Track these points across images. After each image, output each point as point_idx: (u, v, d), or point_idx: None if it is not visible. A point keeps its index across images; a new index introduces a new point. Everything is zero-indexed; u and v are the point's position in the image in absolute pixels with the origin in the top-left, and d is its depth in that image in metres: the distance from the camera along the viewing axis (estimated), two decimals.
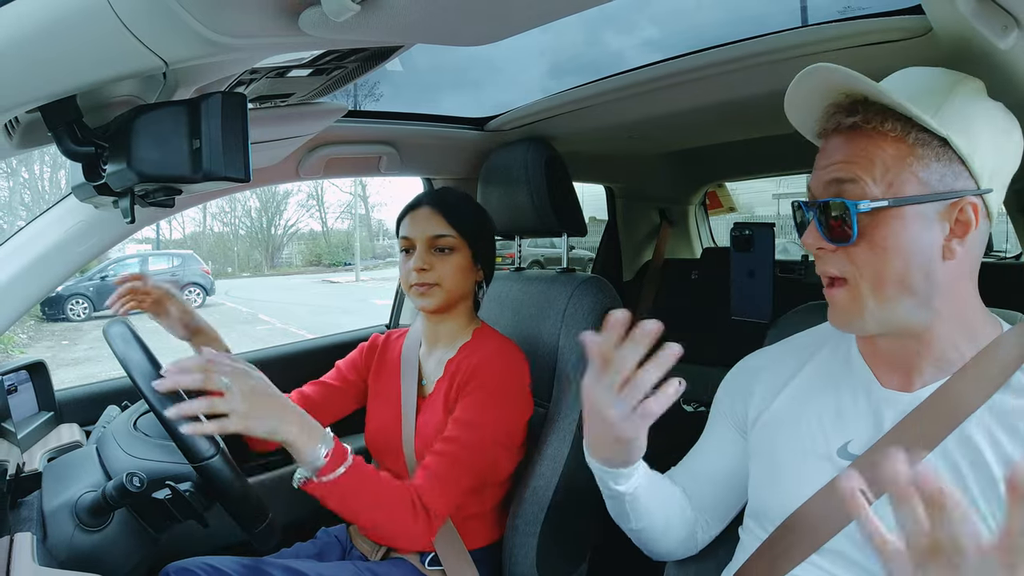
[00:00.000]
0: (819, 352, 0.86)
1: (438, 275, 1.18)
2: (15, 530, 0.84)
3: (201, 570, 1.00)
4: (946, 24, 0.81)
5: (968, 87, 0.70)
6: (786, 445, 0.82)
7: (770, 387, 0.87)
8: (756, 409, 0.87)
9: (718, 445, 0.94)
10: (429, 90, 3.08)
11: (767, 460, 0.84)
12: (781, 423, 0.83)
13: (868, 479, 0.71)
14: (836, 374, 0.82)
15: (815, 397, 0.82)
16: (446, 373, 1.20)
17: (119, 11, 0.53)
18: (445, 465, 1.05)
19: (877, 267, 0.70)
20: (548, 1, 0.65)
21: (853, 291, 0.72)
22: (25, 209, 18.40)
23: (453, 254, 1.20)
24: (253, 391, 0.89)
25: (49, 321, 11.66)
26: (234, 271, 23.05)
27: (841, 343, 0.84)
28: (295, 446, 0.91)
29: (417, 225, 1.21)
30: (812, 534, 0.75)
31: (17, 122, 0.78)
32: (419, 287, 1.19)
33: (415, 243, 1.20)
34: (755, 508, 0.86)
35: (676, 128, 1.65)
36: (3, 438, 1.13)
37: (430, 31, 0.70)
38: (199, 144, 0.68)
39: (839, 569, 0.74)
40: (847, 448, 0.76)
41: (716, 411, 0.96)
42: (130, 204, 0.77)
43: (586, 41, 6.44)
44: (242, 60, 0.77)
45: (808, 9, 1.60)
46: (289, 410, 0.93)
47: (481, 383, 1.12)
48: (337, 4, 0.54)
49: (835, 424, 0.78)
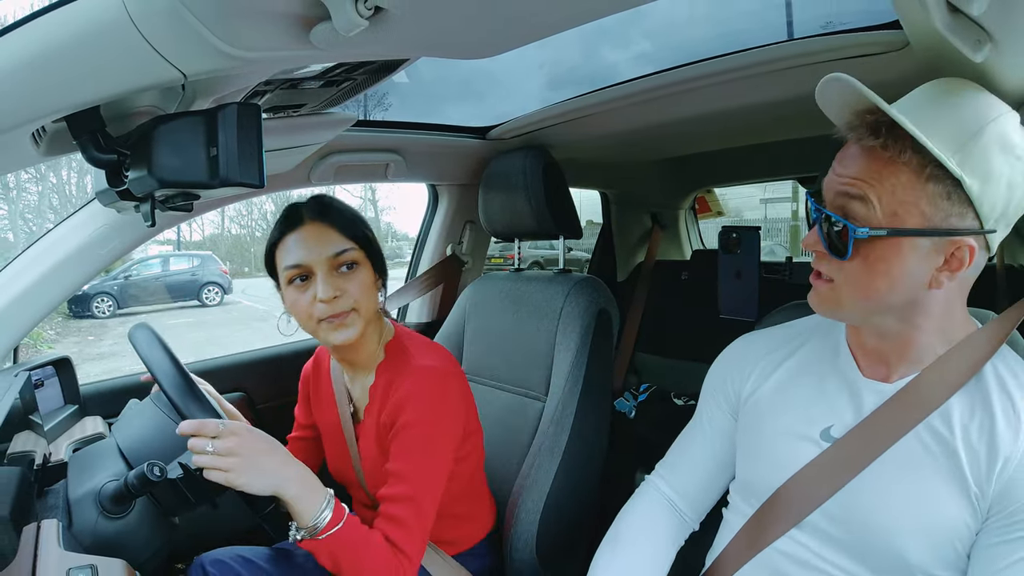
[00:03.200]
0: (811, 340, 0.87)
1: (352, 299, 0.98)
2: (42, 517, 0.84)
3: (233, 561, 0.99)
4: (922, 38, 0.80)
5: (1003, 126, 0.65)
6: (774, 425, 0.83)
7: (764, 368, 0.88)
8: (750, 388, 0.88)
9: (710, 435, 0.93)
10: (434, 101, 3.10)
11: (755, 437, 0.85)
12: (771, 403, 0.84)
13: (847, 459, 0.72)
14: (824, 362, 0.82)
15: (803, 382, 0.83)
16: (372, 400, 1.06)
17: (141, 27, 0.53)
18: (406, 538, 0.93)
19: (863, 283, 0.70)
20: (545, 17, 0.65)
21: (836, 291, 0.72)
22: (53, 212, 18.39)
23: (358, 269, 1.00)
24: (235, 451, 0.83)
25: (76, 318, 11.65)
26: (251, 271, 23.01)
27: (831, 333, 0.85)
28: (294, 506, 0.85)
29: (310, 246, 0.97)
30: (793, 509, 0.77)
31: (44, 131, 0.78)
32: (333, 320, 0.97)
33: (312, 268, 0.97)
34: (741, 483, 0.88)
35: (667, 137, 1.65)
36: (30, 430, 1.13)
37: (435, 45, 0.70)
38: (216, 152, 0.68)
39: (814, 542, 0.76)
40: (829, 431, 0.78)
41: (709, 391, 0.95)
42: (151, 208, 0.77)
43: (582, 54, 6.42)
44: (257, 72, 0.77)
45: (793, 24, 1.60)
46: (291, 469, 0.87)
47: (404, 423, 0.96)
48: (347, 20, 0.54)
49: (820, 408, 0.79)
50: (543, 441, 1.24)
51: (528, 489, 1.21)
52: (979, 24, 0.69)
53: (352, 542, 0.88)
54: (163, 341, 0.98)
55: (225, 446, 0.83)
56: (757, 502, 0.82)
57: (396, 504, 0.94)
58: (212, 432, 0.83)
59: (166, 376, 0.92)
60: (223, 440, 0.83)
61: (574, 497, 1.25)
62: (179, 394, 0.91)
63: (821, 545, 0.76)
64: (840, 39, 0.99)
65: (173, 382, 0.92)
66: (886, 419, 0.72)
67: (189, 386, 0.93)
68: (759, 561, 0.80)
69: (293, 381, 1.53)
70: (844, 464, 0.74)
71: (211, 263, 13.86)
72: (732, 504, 0.90)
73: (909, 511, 0.69)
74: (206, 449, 0.82)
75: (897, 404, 0.72)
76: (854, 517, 0.73)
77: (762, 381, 0.87)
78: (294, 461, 0.89)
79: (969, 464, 0.67)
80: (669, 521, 0.93)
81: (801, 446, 0.79)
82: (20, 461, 0.98)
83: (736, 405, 0.90)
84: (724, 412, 0.92)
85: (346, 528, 0.88)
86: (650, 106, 1.32)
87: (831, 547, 0.75)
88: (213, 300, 13.31)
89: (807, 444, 0.78)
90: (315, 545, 0.87)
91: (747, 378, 0.89)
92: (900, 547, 0.69)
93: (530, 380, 1.34)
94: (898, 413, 0.72)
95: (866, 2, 1.06)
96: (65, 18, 0.55)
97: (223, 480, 0.83)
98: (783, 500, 0.78)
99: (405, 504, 0.94)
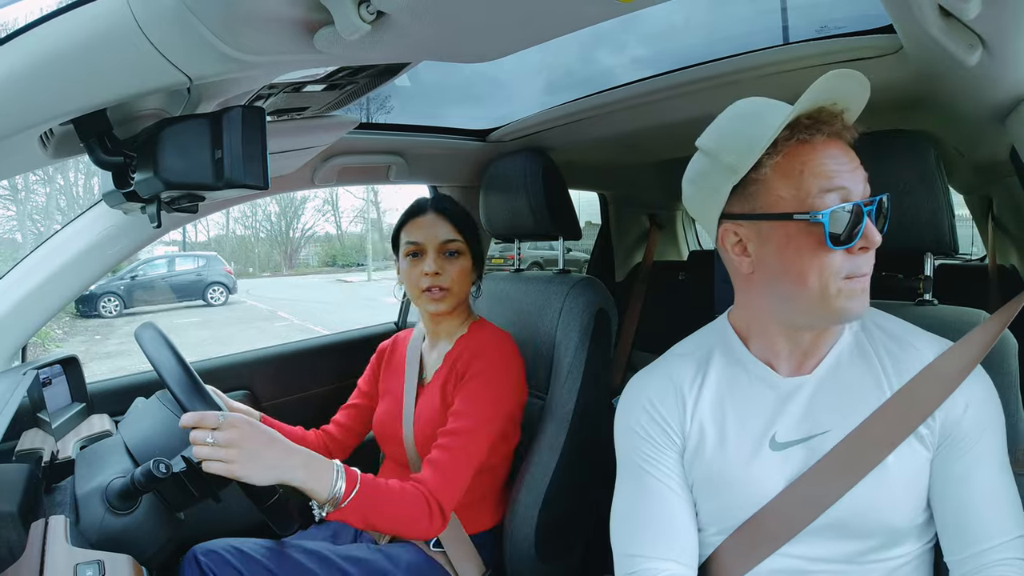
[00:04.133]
0: (712, 359, 0.83)
1: (449, 279, 1.16)
2: (50, 513, 0.84)
3: (227, 552, 0.99)
4: (916, 43, 0.81)
5: None
6: (722, 450, 0.78)
7: (690, 399, 0.81)
8: (678, 424, 0.81)
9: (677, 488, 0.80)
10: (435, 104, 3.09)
11: (708, 467, 0.79)
12: (710, 431, 0.79)
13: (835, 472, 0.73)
14: (737, 378, 0.80)
15: (730, 401, 0.80)
16: (445, 363, 1.19)
17: (148, 32, 0.53)
18: (449, 459, 1.03)
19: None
20: (544, 22, 0.65)
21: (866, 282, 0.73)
22: (61, 214, 18.40)
23: (460, 258, 1.19)
24: (235, 443, 0.83)
25: (83, 317, 11.66)
26: (255, 271, 23.04)
27: (726, 349, 0.82)
28: (305, 488, 0.88)
29: (426, 230, 1.18)
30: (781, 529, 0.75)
31: (52, 134, 0.78)
32: (432, 291, 1.16)
33: (425, 248, 1.18)
34: (711, 511, 0.80)
35: (665, 139, 1.65)
36: (39, 428, 1.13)
37: (436, 49, 0.70)
38: (221, 154, 0.68)
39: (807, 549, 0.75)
40: (775, 439, 0.76)
41: (648, 446, 0.81)
42: (157, 210, 0.77)
43: (580, 59, 6.42)
44: (261, 76, 0.77)
45: (788, 29, 1.60)
46: (292, 455, 0.89)
47: (476, 372, 1.11)
48: (349, 24, 0.54)
49: (756, 420, 0.78)
50: (542, 438, 1.24)
51: (527, 484, 1.21)
52: (972, 28, 0.69)
53: (375, 497, 0.94)
54: (169, 340, 0.98)
55: (225, 437, 0.84)
56: (736, 522, 0.78)
57: (448, 436, 1.05)
58: (213, 424, 0.84)
59: (172, 375, 0.92)
60: (223, 432, 0.84)
61: (572, 493, 1.25)
62: (184, 392, 0.91)
63: (811, 547, 0.74)
64: (834, 43, 0.99)
65: (179, 380, 0.92)
66: (880, 427, 0.72)
67: (194, 384, 0.93)
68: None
69: (296, 379, 1.53)
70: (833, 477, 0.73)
71: (216, 263, 13.87)
72: (705, 532, 0.82)
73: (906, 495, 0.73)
74: (206, 441, 0.83)
75: (890, 412, 0.72)
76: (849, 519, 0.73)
77: (693, 412, 0.81)
78: (295, 449, 0.90)
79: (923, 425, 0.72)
80: None
81: (754, 464, 0.76)
82: (28, 458, 0.98)
83: (683, 441, 0.81)
84: (675, 453, 0.81)
85: (364, 489, 0.93)
86: (647, 109, 1.32)
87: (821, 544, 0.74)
88: (218, 300, 13.32)
89: (759, 460, 0.76)
90: (342, 514, 0.91)
91: (680, 413, 0.81)
92: (894, 522, 0.73)
93: (530, 378, 1.34)
94: (892, 421, 0.72)
95: (860, 7, 1.06)
96: (73, 23, 0.55)
97: (223, 471, 0.84)
98: (767, 522, 0.75)
99: (458, 436, 1.05)
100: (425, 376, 1.25)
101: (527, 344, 1.35)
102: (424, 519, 0.98)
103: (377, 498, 0.94)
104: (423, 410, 1.18)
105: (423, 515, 0.98)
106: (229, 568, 0.98)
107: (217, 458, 0.83)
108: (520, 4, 0.59)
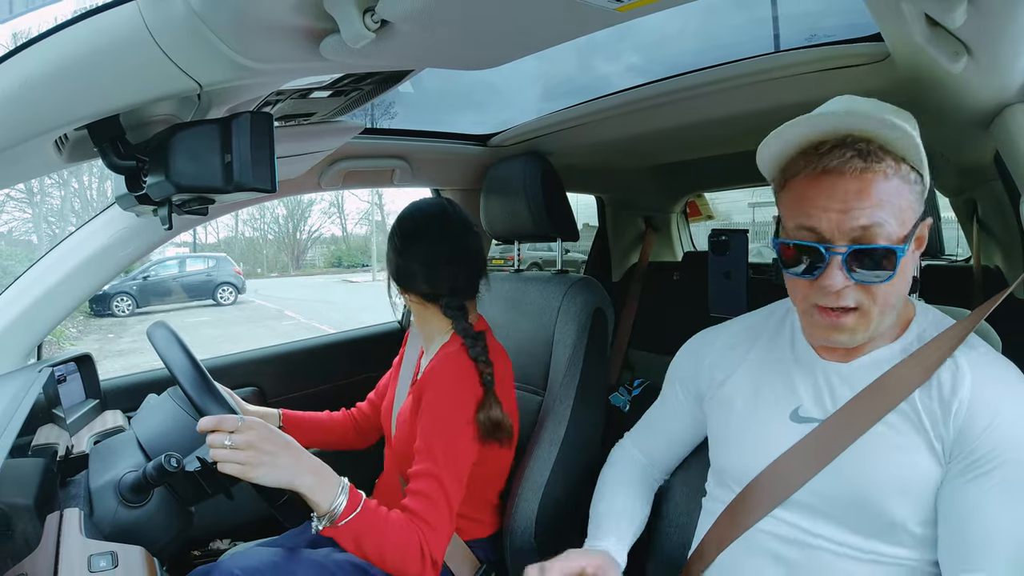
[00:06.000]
0: (766, 331, 0.89)
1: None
2: (64, 506, 0.84)
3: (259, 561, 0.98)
4: (903, 50, 0.81)
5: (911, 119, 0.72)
6: (744, 413, 0.84)
7: (726, 363, 0.89)
8: (717, 380, 0.90)
9: (675, 410, 0.99)
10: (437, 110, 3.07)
11: (727, 426, 0.87)
12: (740, 394, 0.86)
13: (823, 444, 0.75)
14: (784, 350, 0.85)
15: (767, 371, 0.85)
16: (423, 374, 1.10)
17: (160, 40, 0.53)
18: (432, 510, 0.95)
19: (893, 295, 0.70)
20: (542, 31, 0.65)
21: (864, 317, 0.71)
22: (75, 216, 18.40)
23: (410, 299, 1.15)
24: (253, 444, 0.83)
25: (97, 316, 11.66)
26: (263, 272, 23.03)
27: (784, 324, 0.87)
28: (309, 496, 0.86)
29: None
30: (776, 491, 0.78)
31: (66, 138, 0.78)
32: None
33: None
34: (718, 470, 0.89)
35: (660, 144, 1.65)
36: (54, 423, 1.13)
37: (438, 56, 0.70)
38: (230, 158, 0.68)
39: (802, 519, 0.77)
40: (798, 412, 0.79)
41: (670, 378, 1.00)
42: (168, 212, 0.77)
43: (577, 67, 6.40)
44: (269, 83, 0.77)
45: (780, 38, 1.60)
46: (303, 462, 0.87)
47: (429, 401, 1.01)
48: (354, 32, 0.54)
49: (785, 393, 0.81)
50: (541, 434, 1.24)
51: (527, 479, 1.21)
52: (957, 36, 0.69)
53: (371, 525, 0.89)
54: (180, 339, 0.98)
55: (243, 440, 0.83)
56: (737, 486, 0.83)
57: (420, 480, 0.98)
58: (231, 427, 0.84)
59: (183, 372, 0.92)
60: (240, 435, 0.84)
61: (571, 487, 1.25)
62: (195, 389, 0.91)
63: (809, 520, 0.76)
64: (824, 51, 0.99)
65: (189, 377, 0.92)
66: (860, 407, 0.74)
67: (205, 381, 0.93)
68: (744, 541, 0.81)
69: (303, 377, 1.53)
70: (822, 448, 0.75)
71: (225, 264, 13.87)
72: (710, 493, 0.91)
73: (891, 476, 0.72)
74: (224, 444, 0.83)
75: (871, 393, 0.74)
76: (839, 491, 0.74)
77: (729, 373, 0.88)
78: (307, 455, 0.89)
79: (930, 424, 0.71)
80: (640, 469, 1.04)
81: (772, 429, 0.80)
82: (44, 453, 0.98)
83: (697, 392, 0.94)
84: (683, 395, 0.97)
85: (364, 513, 0.89)
86: (643, 115, 1.32)
87: (819, 520, 0.76)
88: (227, 299, 13.32)
89: (778, 427, 0.80)
90: (335, 532, 0.88)
91: (709, 369, 0.91)
92: (886, 509, 0.72)
93: (529, 375, 1.34)
94: (872, 401, 0.74)
95: (849, 17, 1.06)
96: (87, 32, 0.55)
97: (238, 473, 0.83)
98: (764, 483, 0.80)
99: (427, 480, 0.97)
100: (418, 375, 1.19)
101: (526, 342, 1.35)
102: (416, 565, 0.92)
103: (374, 527, 0.90)
104: (403, 411, 1.13)
105: (415, 561, 0.92)
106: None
107: (234, 460, 0.83)
108: (519, 13, 0.59)
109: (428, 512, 0.95)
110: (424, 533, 0.93)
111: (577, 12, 0.58)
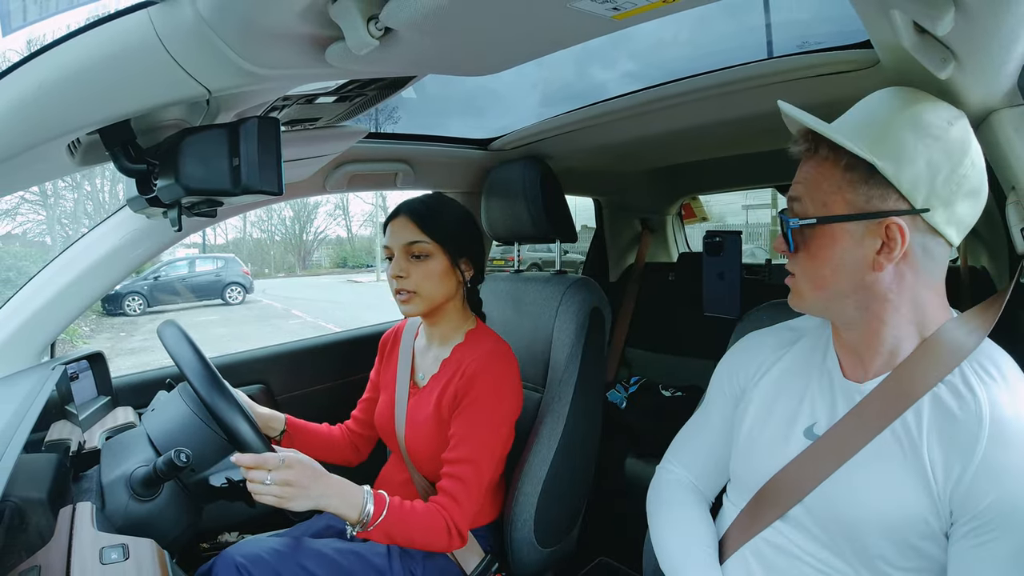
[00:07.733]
0: (802, 339, 0.85)
1: (414, 282, 1.09)
2: (77, 500, 0.84)
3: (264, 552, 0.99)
4: (891, 57, 0.80)
5: (916, 112, 0.67)
6: (763, 422, 0.82)
7: (761, 366, 0.87)
8: (750, 383, 0.87)
9: (717, 423, 0.91)
10: (440, 115, 3.06)
11: (746, 433, 0.84)
12: (763, 400, 0.83)
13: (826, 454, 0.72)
14: (813, 361, 0.81)
15: (793, 380, 0.82)
16: (441, 371, 1.14)
17: (169, 47, 0.53)
18: (462, 488, 1.02)
19: (809, 272, 0.73)
20: (540, 38, 0.65)
21: (797, 284, 0.76)
22: (88, 218, 18.41)
23: (428, 260, 1.10)
24: (291, 482, 0.88)
25: (108, 315, 11.66)
26: (270, 272, 23.03)
27: (821, 334, 0.83)
28: (339, 513, 0.92)
29: (394, 234, 1.12)
30: (780, 501, 0.76)
31: (79, 143, 0.78)
32: (399, 294, 1.11)
33: (394, 251, 1.11)
34: (734, 477, 0.87)
35: (656, 148, 1.65)
36: (66, 419, 1.13)
37: (440, 63, 0.70)
38: (238, 162, 0.68)
39: (797, 535, 0.76)
40: (812, 429, 0.76)
41: (716, 383, 0.92)
42: (178, 214, 0.77)
43: (575, 74, 6.45)
44: (276, 88, 0.77)
45: (772, 44, 1.60)
46: (331, 487, 0.92)
47: (474, 398, 1.05)
48: (359, 40, 0.54)
49: (804, 407, 0.78)
50: (541, 430, 1.24)
51: (527, 474, 1.21)
52: (944, 43, 0.69)
53: (398, 520, 0.96)
54: (190, 337, 0.98)
55: (282, 477, 0.87)
56: (748, 494, 0.81)
57: (457, 465, 1.03)
58: (273, 466, 0.87)
59: (192, 370, 0.92)
60: (280, 473, 0.87)
61: (569, 481, 1.25)
62: (204, 386, 0.91)
63: (802, 538, 0.75)
64: (814, 58, 0.98)
65: (199, 375, 0.92)
66: (861, 418, 0.71)
67: (214, 379, 0.93)
68: (750, 548, 0.80)
69: (310, 374, 1.52)
70: (824, 459, 0.73)
71: (234, 265, 13.87)
72: (728, 495, 0.89)
73: (872, 503, 0.68)
74: (264, 480, 0.86)
75: (872, 403, 0.71)
76: (827, 512, 0.72)
77: (760, 378, 0.85)
78: (333, 479, 0.93)
79: (931, 463, 0.65)
80: (694, 493, 0.93)
81: (787, 443, 0.78)
82: (57, 448, 0.98)
83: (738, 398, 0.88)
84: (728, 403, 0.90)
85: (390, 512, 0.95)
86: (639, 120, 1.32)
87: (810, 540, 0.74)
88: (236, 299, 13.32)
89: (792, 441, 0.77)
90: (368, 534, 0.94)
91: (751, 374, 0.87)
92: (862, 538, 0.69)
93: (529, 373, 1.34)
94: (872, 412, 0.70)
95: (839, 24, 1.05)
96: (99, 39, 0.55)
97: (274, 503, 0.87)
98: (771, 493, 0.78)
99: (466, 464, 1.02)
100: (421, 377, 1.19)
101: (526, 341, 1.35)
102: (443, 539, 0.99)
103: (402, 521, 0.96)
104: (415, 413, 1.14)
105: (442, 535, 0.99)
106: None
107: (272, 494, 0.86)
108: (519, 21, 0.59)
109: (459, 491, 1.01)
110: (450, 510, 1.00)
111: (575, 20, 0.58)
